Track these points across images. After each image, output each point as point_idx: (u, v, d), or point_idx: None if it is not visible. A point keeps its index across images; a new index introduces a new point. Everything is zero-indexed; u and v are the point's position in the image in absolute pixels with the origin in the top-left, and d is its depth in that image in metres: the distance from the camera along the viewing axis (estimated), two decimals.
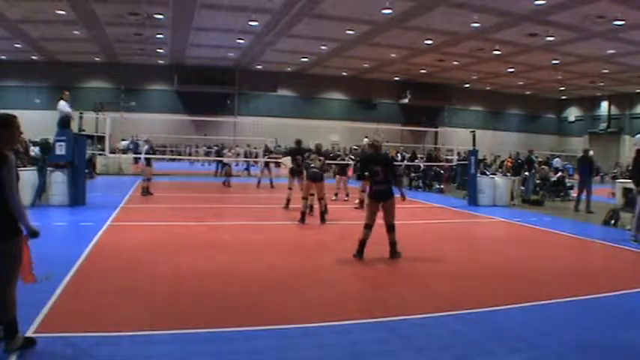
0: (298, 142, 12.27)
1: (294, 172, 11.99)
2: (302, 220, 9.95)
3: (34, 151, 14.34)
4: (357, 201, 13.50)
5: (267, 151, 19.84)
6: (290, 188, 12.02)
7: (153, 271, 5.94)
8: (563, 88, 37.68)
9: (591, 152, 15.07)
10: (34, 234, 3.54)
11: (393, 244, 6.87)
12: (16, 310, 3.51)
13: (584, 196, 13.63)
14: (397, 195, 7.04)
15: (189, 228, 9.27)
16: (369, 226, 6.83)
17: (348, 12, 20.13)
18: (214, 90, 34.93)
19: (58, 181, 11.30)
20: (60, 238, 8.08)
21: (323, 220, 10.00)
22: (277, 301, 4.92)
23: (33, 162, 12.60)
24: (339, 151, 19.90)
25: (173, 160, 30.92)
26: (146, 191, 13.81)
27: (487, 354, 3.84)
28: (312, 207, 10.60)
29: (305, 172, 10.83)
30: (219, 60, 32.15)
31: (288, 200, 11.93)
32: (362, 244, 6.76)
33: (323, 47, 27.37)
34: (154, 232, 8.55)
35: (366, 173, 7.02)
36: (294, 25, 22.30)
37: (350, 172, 16.71)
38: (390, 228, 6.88)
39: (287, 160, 12.38)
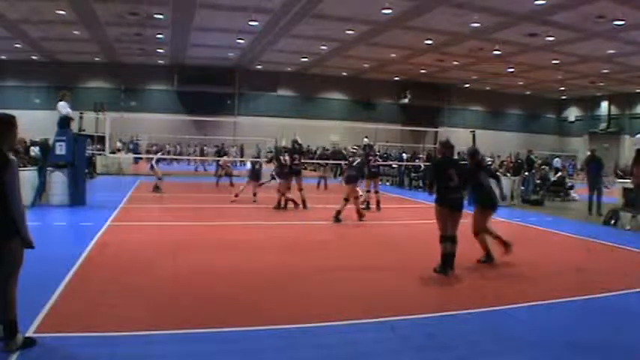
0: (296, 143, 12.62)
1: (287, 172, 12.20)
2: (278, 206, 11.80)
3: (34, 151, 14.34)
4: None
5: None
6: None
7: (153, 270, 5.94)
8: (563, 88, 37.65)
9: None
10: (28, 245, 3.50)
11: (452, 255, 6.33)
12: (16, 310, 3.51)
13: (594, 197, 13.04)
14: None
15: (189, 228, 9.28)
16: (445, 238, 6.31)
17: (348, 12, 20.11)
18: (214, 90, 34.88)
19: (58, 181, 11.29)
20: (60, 238, 8.11)
21: (305, 206, 11.86)
22: (277, 301, 4.92)
23: (33, 162, 12.60)
24: (345, 150, 19.78)
25: (175, 160, 30.85)
26: (158, 189, 14.60)
27: (487, 354, 3.84)
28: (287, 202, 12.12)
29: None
30: (219, 60, 32.12)
31: (287, 201, 12.13)
32: (447, 256, 6.26)
33: (323, 47, 27.34)
34: (154, 232, 8.55)
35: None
36: (294, 25, 22.29)
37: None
38: (453, 239, 6.44)
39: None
